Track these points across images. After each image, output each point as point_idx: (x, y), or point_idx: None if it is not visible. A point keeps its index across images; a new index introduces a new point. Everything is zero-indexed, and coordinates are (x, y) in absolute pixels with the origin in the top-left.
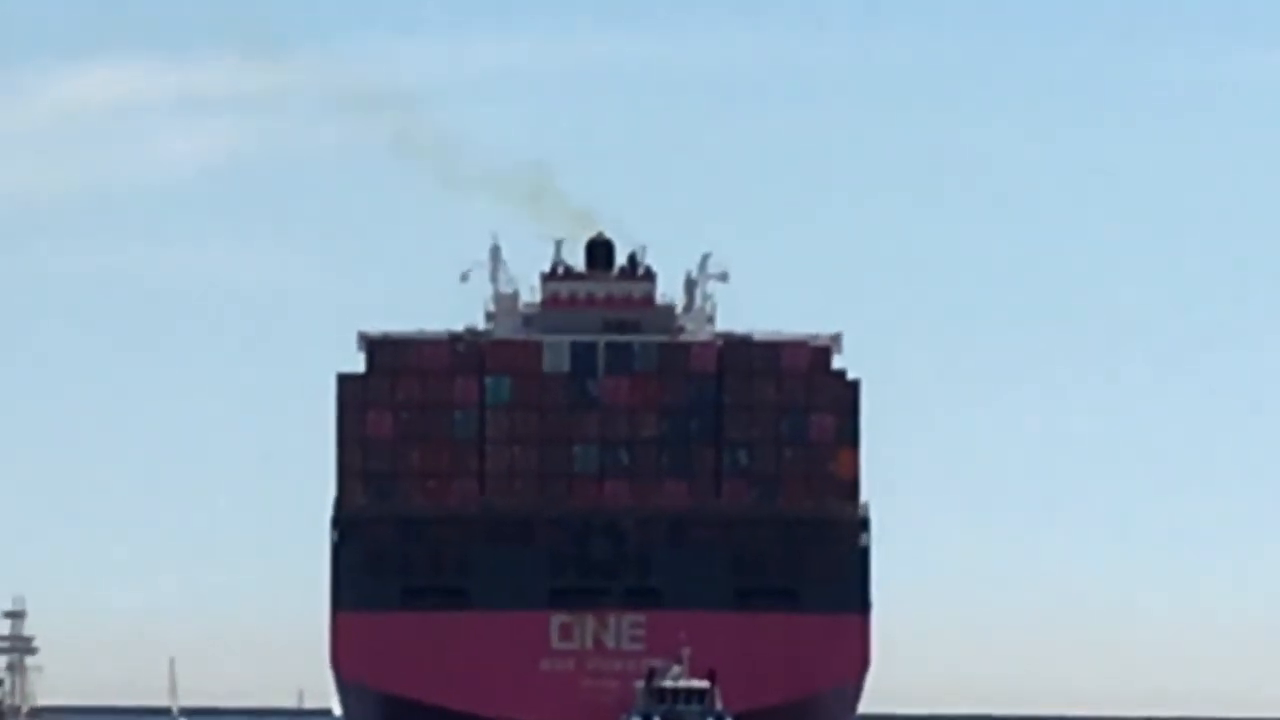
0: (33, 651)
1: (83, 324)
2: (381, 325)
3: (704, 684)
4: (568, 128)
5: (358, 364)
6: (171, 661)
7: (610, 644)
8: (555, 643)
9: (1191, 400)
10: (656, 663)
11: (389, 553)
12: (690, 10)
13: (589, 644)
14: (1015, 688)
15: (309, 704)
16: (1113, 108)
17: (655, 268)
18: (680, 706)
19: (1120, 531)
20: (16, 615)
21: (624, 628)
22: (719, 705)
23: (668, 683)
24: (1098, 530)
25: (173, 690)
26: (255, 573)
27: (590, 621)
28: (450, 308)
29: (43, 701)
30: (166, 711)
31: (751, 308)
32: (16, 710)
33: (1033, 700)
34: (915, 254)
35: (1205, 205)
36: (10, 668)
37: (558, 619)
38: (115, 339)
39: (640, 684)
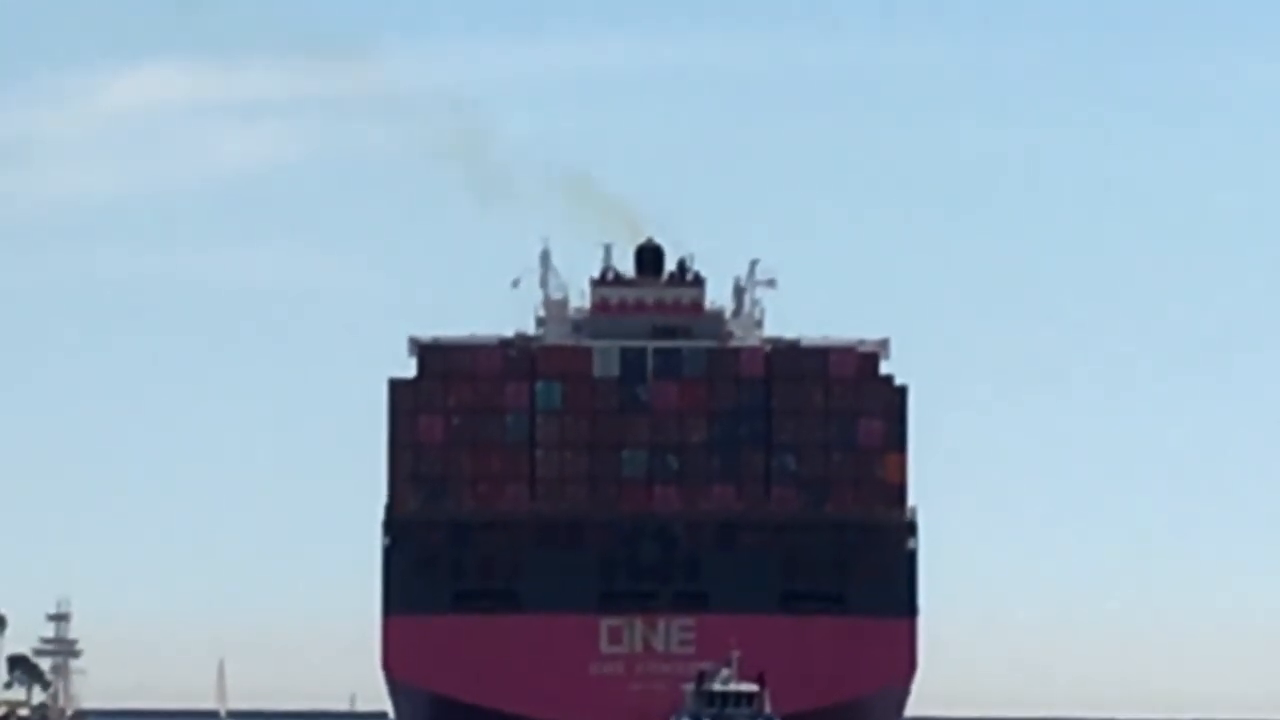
0: (76, 654)
1: (134, 327)
2: (432, 330)
3: (753, 687)
4: (617, 133)
5: (409, 369)
6: (220, 664)
7: (659, 647)
8: (605, 646)
9: (1241, 405)
10: (706, 666)
11: (440, 556)
12: (741, 14)
13: (638, 647)
14: (1061, 691)
15: (362, 707)
16: (1162, 112)
17: (704, 273)
18: (729, 709)
19: (1170, 535)
20: (61, 618)
21: (673, 631)
22: (768, 708)
23: (717, 686)
24: (1147, 535)
25: (221, 693)
26: (307, 576)
27: (639, 625)
28: (500, 313)
29: (87, 704)
30: (214, 714)
31: (799, 313)
32: (61, 713)
33: (1080, 703)
34: (963, 260)
35: (1258, 207)
36: (55, 670)
37: (607, 622)
38: (168, 342)
39: (689, 687)
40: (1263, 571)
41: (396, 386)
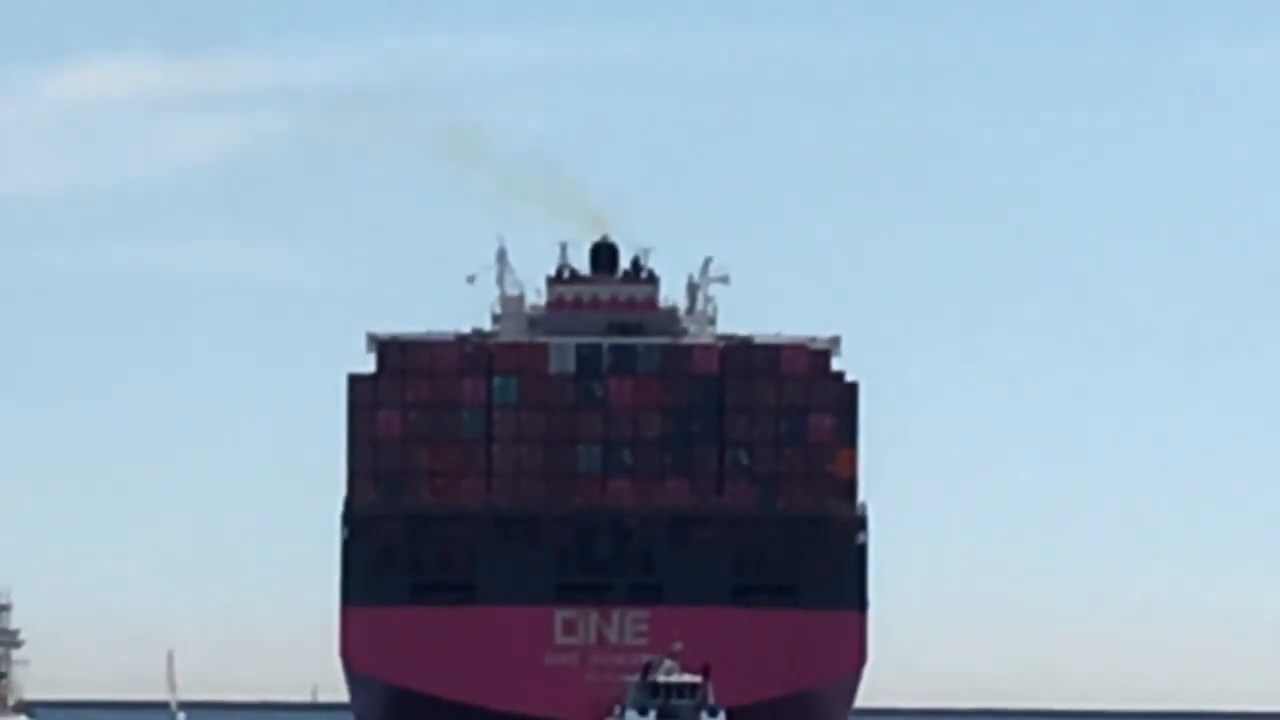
0: (18, 645)
1: (91, 321)
2: (390, 326)
3: (696, 678)
4: (573, 130)
5: (368, 364)
6: (169, 655)
7: (613, 639)
8: (560, 637)
9: (1185, 401)
10: (652, 658)
11: (398, 549)
12: (695, 12)
13: (593, 639)
14: (1008, 683)
15: (325, 698)
16: (1122, 109)
17: (658, 271)
18: (673, 700)
19: (1112, 529)
20: (2, 609)
21: (627, 623)
22: (711, 699)
23: (660, 677)
24: (1090, 528)
25: (171, 684)
26: (268, 568)
27: (594, 617)
28: (457, 309)
29: (30, 695)
30: (166, 705)
31: (752, 310)
32: (3, 703)
33: (1026, 695)
34: (914, 257)
35: (1212, 206)
36: None
37: (562, 614)
38: (124, 336)
39: (632, 678)
40: (1221, 562)
41: (355, 381)
